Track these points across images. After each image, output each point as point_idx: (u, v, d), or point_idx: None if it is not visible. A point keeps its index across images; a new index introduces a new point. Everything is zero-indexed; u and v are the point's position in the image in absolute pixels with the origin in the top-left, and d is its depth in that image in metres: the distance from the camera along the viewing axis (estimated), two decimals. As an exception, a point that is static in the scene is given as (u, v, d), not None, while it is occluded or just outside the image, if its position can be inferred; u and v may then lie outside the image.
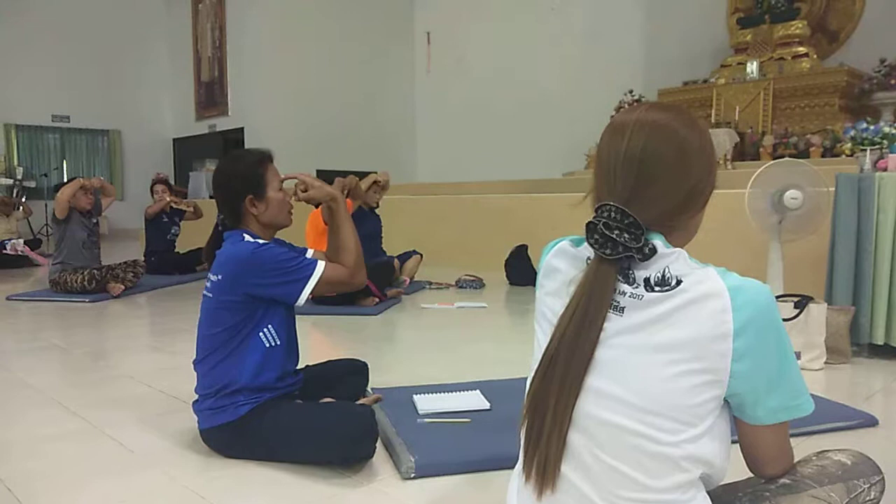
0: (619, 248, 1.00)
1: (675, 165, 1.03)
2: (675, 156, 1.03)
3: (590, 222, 1.04)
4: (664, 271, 1.00)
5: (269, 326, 1.93)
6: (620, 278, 1.02)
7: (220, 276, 1.92)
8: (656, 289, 0.99)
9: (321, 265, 1.94)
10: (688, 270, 1.00)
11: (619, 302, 1.02)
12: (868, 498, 1.17)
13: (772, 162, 3.06)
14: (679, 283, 0.98)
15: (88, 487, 1.80)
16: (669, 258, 1.01)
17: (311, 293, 1.93)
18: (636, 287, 1.01)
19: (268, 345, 1.92)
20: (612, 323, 1.02)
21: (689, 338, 0.97)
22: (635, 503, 0.99)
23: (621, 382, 1.00)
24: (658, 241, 1.01)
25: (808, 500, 1.15)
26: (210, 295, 1.95)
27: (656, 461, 0.99)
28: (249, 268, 1.88)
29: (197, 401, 1.98)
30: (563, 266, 1.11)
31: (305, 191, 2.10)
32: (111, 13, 13.26)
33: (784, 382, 1.01)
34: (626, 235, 1.00)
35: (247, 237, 1.96)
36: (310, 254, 2.10)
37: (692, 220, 1.09)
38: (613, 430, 1.00)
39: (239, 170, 2.02)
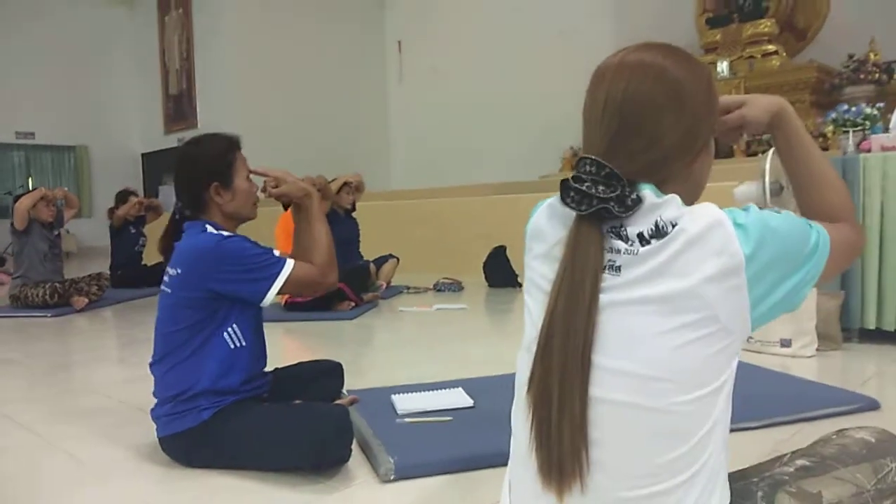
0: (593, 202, 0.88)
1: (664, 109, 0.90)
2: (664, 98, 0.90)
3: (564, 180, 0.91)
4: (657, 221, 0.87)
5: (234, 326, 1.78)
6: (613, 236, 0.90)
7: (179, 270, 1.76)
8: (652, 241, 0.87)
9: (290, 263, 1.80)
10: (682, 212, 0.87)
11: (614, 261, 0.89)
12: (896, 478, 1.06)
13: (773, 149, 2.97)
14: (675, 226, 0.86)
15: (34, 505, 1.64)
16: (660, 207, 0.88)
17: (278, 293, 1.78)
18: (631, 244, 0.88)
19: (232, 346, 1.77)
20: (608, 283, 0.89)
21: (694, 283, 0.84)
22: (648, 479, 0.86)
23: (620, 352, 0.87)
24: (647, 192, 0.89)
25: (833, 482, 1.03)
26: (168, 290, 1.79)
27: (664, 435, 0.86)
28: (212, 261, 1.72)
29: (155, 406, 1.82)
30: (549, 226, 0.98)
31: (276, 186, 1.95)
32: (75, 26, 13.00)
33: (798, 257, 0.90)
34: (600, 187, 0.88)
35: (209, 228, 1.80)
36: (277, 253, 1.95)
37: (689, 167, 0.96)
38: (613, 406, 0.87)
39: (206, 154, 1.86)
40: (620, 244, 0.89)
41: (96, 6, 13.37)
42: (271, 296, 1.77)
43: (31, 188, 12.45)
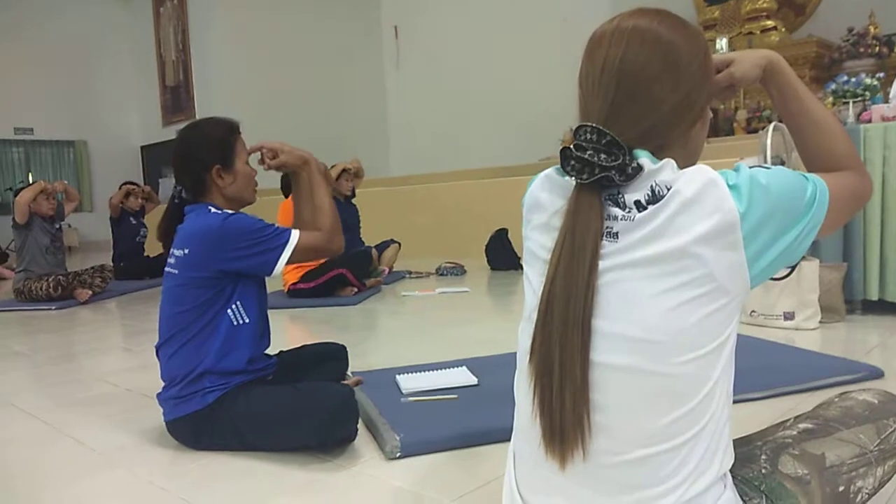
0: (595, 170, 0.88)
1: (661, 76, 0.90)
2: (661, 65, 0.90)
3: (564, 148, 0.91)
4: (652, 186, 0.87)
5: (238, 303, 1.78)
6: (611, 203, 0.90)
7: (187, 251, 1.76)
8: (649, 207, 0.87)
9: (295, 232, 1.81)
10: (676, 175, 0.87)
11: (612, 227, 0.89)
12: (900, 438, 1.06)
13: (773, 124, 2.96)
14: (669, 189, 0.86)
15: (44, 491, 1.65)
16: (656, 173, 0.88)
17: (287, 262, 1.79)
18: (628, 211, 0.88)
19: (235, 323, 1.77)
20: (606, 250, 0.89)
21: (688, 241, 0.84)
22: (649, 442, 0.87)
23: (618, 316, 0.87)
24: (645, 159, 0.88)
25: (836, 443, 1.04)
26: (175, 271, 1.79)
27: (665, 397, 0.86)
28: (220, 240, 1.73)
29: (162, 390, 1.83)
30: (547, 197, 0.98)
31: (274, 157, 1.94)
32: (71, 21, 12.91)
33: (794, 211, 0.89)
34: (602, 155, 0.87)
35: (212, 209, 1.81)
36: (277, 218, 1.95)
37: (686, 135, 0.96)
38: (613, 370, 0.88)
39: (208, 137, 1.86)
40: (617, 211, 0.89)
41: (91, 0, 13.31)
42: (281, 265, 1.78)
43: (30, 183, 12.48)
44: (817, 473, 0.99)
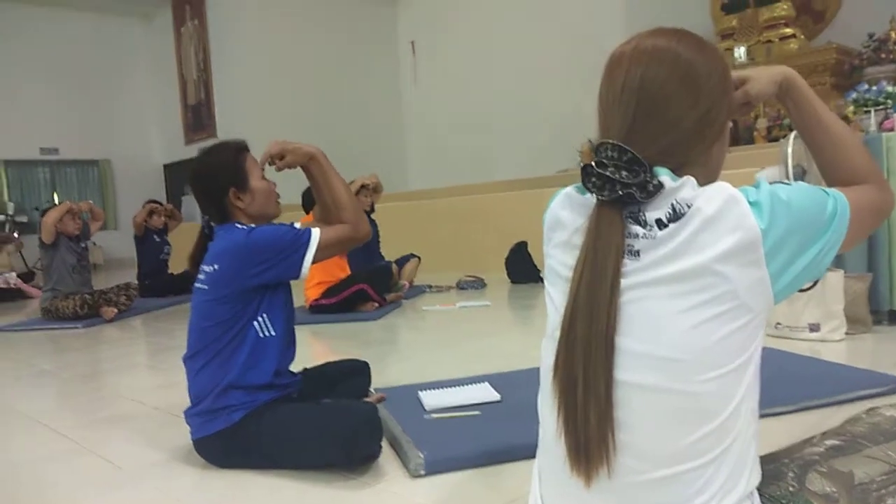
0: (616, 187, 0.88)
1: (680, 94, 0.91)
2: (679, 83, 0.91)
3: (586, 165, 0.92)
4: (673, 204, 0.88)
5: (264, 315, 1.81)
6: (631, 221, 0.90)
7: (216, 267, 1.80)
8: (670, 225, 0.87)
9: (316, 230, 1.83)
10: (697, 193, 0.87)
11: (633, 245, 0.89)
12: (929, 455, 1.05)
13: (794, 133, 2.94)
14: (690, 206, 0.86)
15: (74, 508, 1.68)
16: (676, 191, 0.88)
17: (315, 261, 1.81)
18: (650, 229, 0.89)
19: (261, 335, 1.79)
20: (628, 267, 0.89)
21: (710, 259, 0.84)
22: (674, 460, 0.86)
23: (641, 334, 0.87)
24: (665, 177, 0.89)
25: (864, 460, 1.03)
26: (205, 287, 1.82)
27: (689, 415, 0.86)
28: (247, 255, 1.76)
29: (189, 407, 1.85)
30: (567, 215, 0.98)
31: (283, 158, 1.94)
32: (93, 43, 13.21)
33: (815, 225, 0.89)
34: (623, 172, 0.88)
35: (238, 226, 1.85)
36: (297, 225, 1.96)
37: (706, 153, 0.96)
38: (637, 388, 0.88)
39: (218, 162, 1.90)
40: (639, 229, 0.90)
41: (113, 21, 13.58)
42: (307, 266, 1.80)
43: (56, 203, 12.71)
44: (846, 491, 0.98)
